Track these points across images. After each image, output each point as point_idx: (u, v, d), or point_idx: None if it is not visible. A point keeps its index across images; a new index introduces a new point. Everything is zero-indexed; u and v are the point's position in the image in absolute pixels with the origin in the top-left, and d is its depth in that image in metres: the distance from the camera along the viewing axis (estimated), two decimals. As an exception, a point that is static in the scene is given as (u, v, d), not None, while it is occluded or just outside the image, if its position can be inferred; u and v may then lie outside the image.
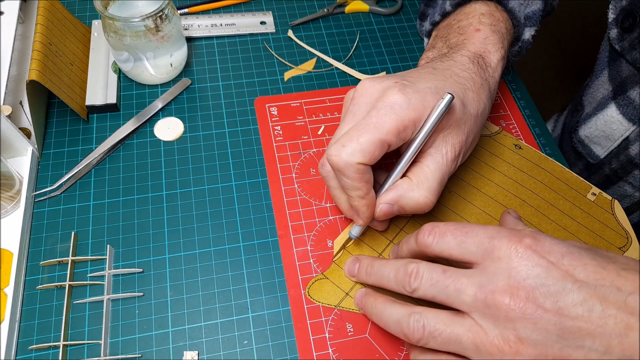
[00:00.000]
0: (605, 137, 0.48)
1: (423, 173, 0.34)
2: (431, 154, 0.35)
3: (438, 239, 0.31)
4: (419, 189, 0.34)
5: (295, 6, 0.55)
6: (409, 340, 0.30)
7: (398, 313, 0.31)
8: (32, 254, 0.38)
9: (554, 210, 0.41)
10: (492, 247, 0.28)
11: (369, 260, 0.35)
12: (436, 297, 0.29)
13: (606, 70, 0.48)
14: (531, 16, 0.43)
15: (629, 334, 0.25)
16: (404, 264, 0.31)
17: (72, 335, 0.35)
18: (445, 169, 0.35)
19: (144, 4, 0.46)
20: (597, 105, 0.49)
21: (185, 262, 0.39)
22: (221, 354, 0.35)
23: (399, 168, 0.35)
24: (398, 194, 0.35)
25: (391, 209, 0.35)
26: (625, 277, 0.26)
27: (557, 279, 0.26)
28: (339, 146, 0.32)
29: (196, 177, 0.43)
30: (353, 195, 0.34)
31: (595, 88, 0.50)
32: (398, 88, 0.33)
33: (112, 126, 0.45)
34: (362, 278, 0.36)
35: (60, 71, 0.43)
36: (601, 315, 0.25)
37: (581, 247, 0.28)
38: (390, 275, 0.32)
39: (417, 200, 0.34)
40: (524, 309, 0.26)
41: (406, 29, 0.55)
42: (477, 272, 0.29)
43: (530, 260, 0.27)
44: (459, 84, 0.36)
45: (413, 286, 0.30)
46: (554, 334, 0.26)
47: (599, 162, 0.51)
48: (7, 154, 0.41)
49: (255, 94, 0.48)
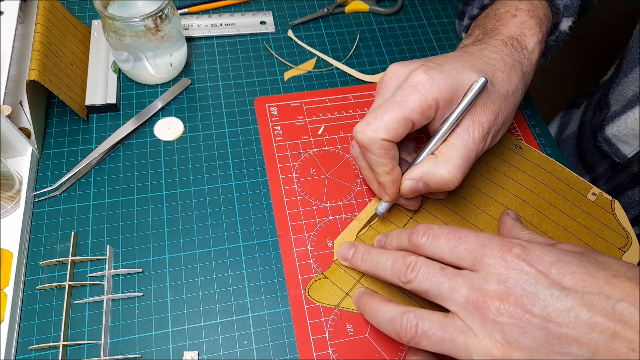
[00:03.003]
0: (635, 136, 0.48)
1: (449, 150, 0.35)
2: (458, 132, 0.35)
3: (431, 241, 0.31)
4: (445, 165, 0.35)
5: (295, 6, 0.55)
6: (401, 339, 0.30)
7: (392, 311, 0.31)
8: (32, 254, 0.38)
9: (554, 210, 0.41)
10: (483, 255, 0.29)
11: (366, 248, 0.36)
12: (429, 291, 0.30)
13: (637, 67, 0.48)
14: (569, 5, 0.43)
15: (615, 342, 0.25)
16: (403, 255, 0.32)
17: (72, 335, 0.35)
18: (473, 147, 0.35)
19: (144, 4, 0.46)
20: (626, 103, 0.49)
21: (185, 262, 0.39)
22: (221, 354, 0.35)
23: (428, 148, 0.36)
24: (423, 170, 0.35)
25: (416, 185, 0.36)
26: (614, 285, 0.26)
27: (545, 286, 0.27)
28: (364, 123, 0.34)
29: (196, 177, 0.43)
30: (379, 171, 0.35)
31: (624, 86, 0.49)
32: (423, 69, 0.34)
33: (112, 126, 0.45)
34: (355, 263, 0.36)
35: (60, 71, 0.43)
36: (588, 323, 0.25)
37: (572, 255, 0.28)
38: (387, 263, 0.32)
39: (442, 176, 0.35)
40: (512, 313, 0.27)
41: (406, 29, 0.55)
42: (471, 274, 0.29)
43: (519, 268, 0.28)
44: (487, 64, 0.37)
45: (409, 277, 0.30)
46: (541, 339, 0.26)
47: (625, 161, 0.50)
48: (7, 154, 0.41)
49: (255, 93, 0.48)
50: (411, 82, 0.34)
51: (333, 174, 0.43)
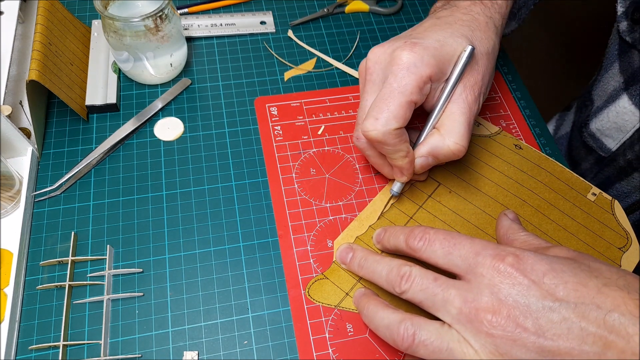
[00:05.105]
0: (617, 129, 0.49)
1: (450, 122, 0.36)
2: (453, 100, 0.37)
3: (427, 246, 0.31)
4: (449, 136, 0.36)
5: (295, 6, 0.55)
6: (397, 347, 0.30)
7: (389, 318, 0.31)
8: (32, 254, 0.38)
9: (554, 210, 0.41)
10: (476, 264, 0.29)
11: (363, 253, 0.36)
12: (423, 302, 0.30)
13: (617, 62, 0.48)
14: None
15: (607, 352, 0.25)
16: (397, 265, 0.32)
17: (72, 335, 0.35)
18: (469, 112, 0.37)
19: (144, 4, 0.46)
20: (607, 98, 0.50)
21: (185, 262, 0.39)
22: (221, 354, 0.35)
23: (430, 123, 0.38)
24: (430, 146, 0.37)
25: (426, 160, 0.37)
26: (605, 294, 0.26)
27: (537, 297, 0.27)
28: (372, 120, 0.35)
29: (196, 177, 0.43)
30: (396, 157, 0.36)
31: (605, 81, 0.50)
32: (409, 47, 0.35)
33: (112, 126, 0.45)
34: (353, 269, 0.37)
35: (60, 71, 0.43)
36: (580, 334, 0.25)
37: (564, 262, 0.28)
38: (383, 272, 0.32)
39: (449, 147, 0.36)
40: (504, 326, 0.27)
41: (406, 29, 0.54)
42: (464, 285, 0.29)
43: (512, 278, 0.27)
44: (464, 27, 0.38)
45: (403, 288, 0.30)
46: (533, 352, 0.26)
47: (610, 155, 0.51)
48: (7, 154, 0.41)
49: (255, 94, 0.48)
50: (401, 64, 0.35)
51: (333, 174, 0.43)
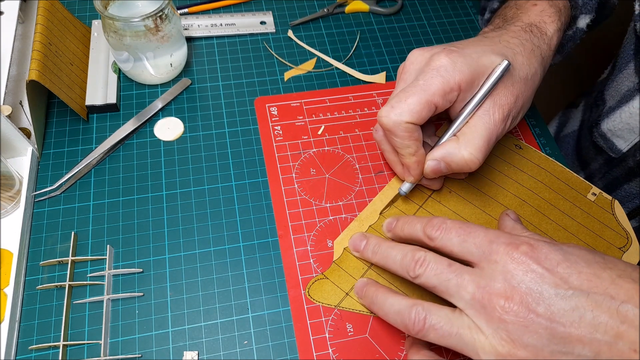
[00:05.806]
0: (630, 130, 0.49)
1: (470, 132, 0.36)
2: (479, 114, 0.36)
3: (443, 235, 0.31)
4: (466, 146, 0.36)
5: (295, 6, 0.55)
6: (408, 331, 0.30)
7: (400, 304, 0.31)
8: (32, 254, 0.38)
9: (554, 210, 0.41)
10: (490, 251, 0.29)
11: (377, 240, 0.36)
12: (437, 287, 0.30)
13: (632, 62, 0.48)
14: (587, 2, 0.44)
15: (619, 342, 0.25)
16: (412, 250, 0.32)
17: (72, 335, 0.35)
18: (493, 129, 0.36)
19: (144, 4, 0.46)
20: (621, 98, 0.49)
21: (185, 262, 0.39)
22: (221, 354, 0.35)
23: (451, 130, 0.37)
24: (445, 151, 0.36)
25: (438, 165, 0.37)
26: (619, 285, 0.26)
27: (550, 285, 0.27)
28: (389, 108, 0.35)
29: (196, 177, 0.43)
30: (404, 153, 0.37)
31: (619, 82, 0.50)
32: (445, 53, 0.35)
33: (112, 126, 0.45)
34: (367, 255, 0.37)
35: (60, 71, 0.43)
36: (592, 323, 0.25)
37: (578, 254, 0.28)
38: (397, 257, 0.33)
39: (463, 157, 0.36)
40: (517, 311, 0.27)
41: (406, 29, 0.55)
42: (478, 272, 0.29)
43: (526, 266, 0.28)
44: (507, 48, 0.38)
45: (417, 272, 0.31)
46: (544, 338, 0.26)
47: (621, 156, 0.51)
48: (7, 154, 0.41)
49: (255, 94, 0.48)
50: (433, 66, 0.35)
51: (333, 174, 0.43)
